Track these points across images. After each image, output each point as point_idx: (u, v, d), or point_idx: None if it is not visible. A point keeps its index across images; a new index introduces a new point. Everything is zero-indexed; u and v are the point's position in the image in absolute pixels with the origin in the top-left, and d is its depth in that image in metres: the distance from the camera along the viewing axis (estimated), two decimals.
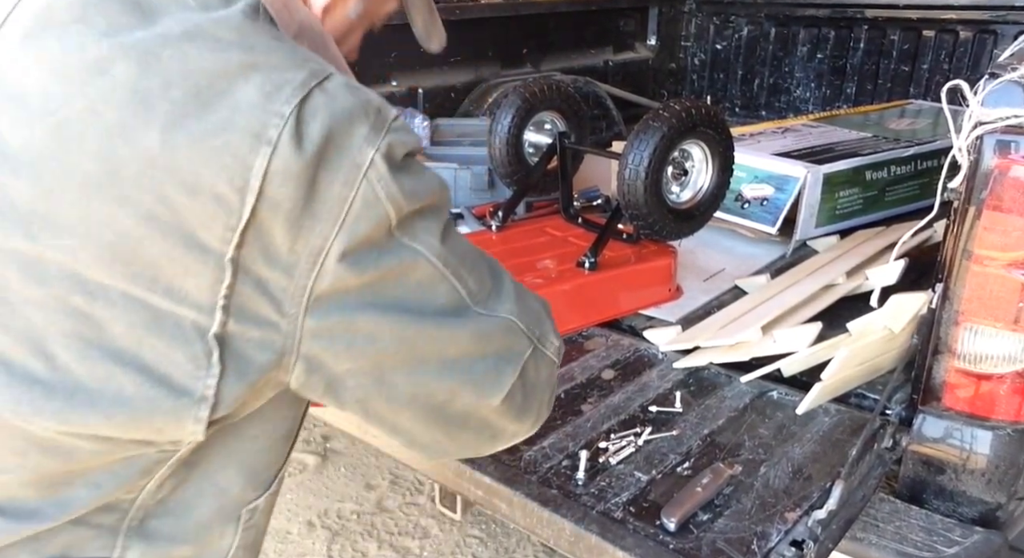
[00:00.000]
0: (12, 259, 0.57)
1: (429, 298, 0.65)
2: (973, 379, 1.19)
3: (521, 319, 0.72)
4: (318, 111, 0.56)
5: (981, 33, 2.75)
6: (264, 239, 0.56)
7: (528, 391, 0.74)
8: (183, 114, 0.55)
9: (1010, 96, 1.08)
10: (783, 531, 1.09)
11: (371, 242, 0.59)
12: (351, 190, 0.58)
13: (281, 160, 0.55)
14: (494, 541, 2.22)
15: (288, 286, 0.58)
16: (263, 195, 0.55)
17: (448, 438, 0.73)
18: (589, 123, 2.09)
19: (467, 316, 0.67)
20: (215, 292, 0.56)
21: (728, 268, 1.95)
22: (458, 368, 0.68)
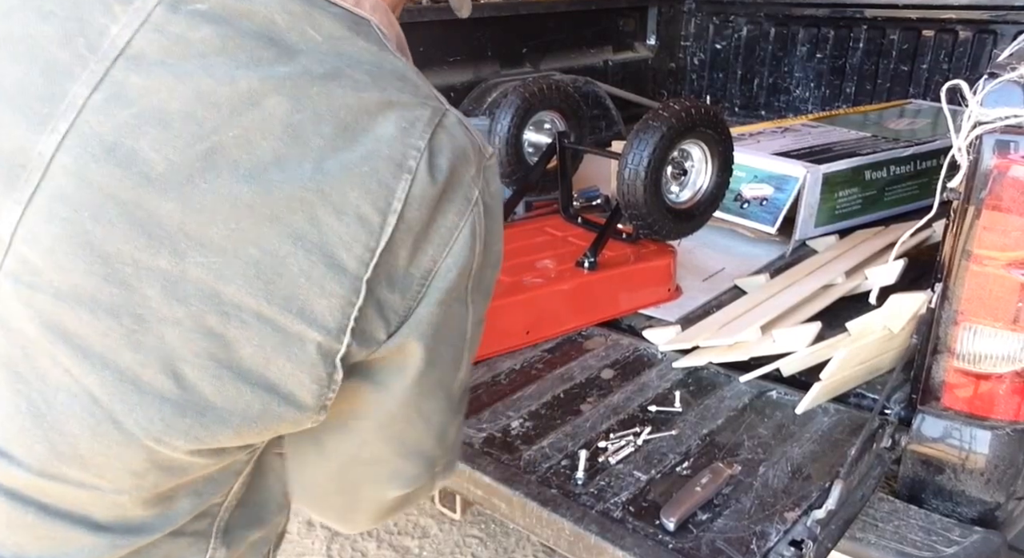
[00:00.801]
0: (156, 277, 0.58)
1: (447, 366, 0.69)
2: (972, 379, 1.19)
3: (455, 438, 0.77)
4: (444, 146, 0.62)
5: (981, 33, 2.75)
6: (391, 262, 0.60)
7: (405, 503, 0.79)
8: (334, 147, 0.59)
9: (1009, 96, 1.08)
10: (782, 531, 1.09)
11: (461, 280, 0.64)
12: (461, 219, 0.63)
13: (420, 187, 0.60)
14: (493, 541, 2.22)
15: (400, 307, 0.62)
16: (403, 217, 0.59)
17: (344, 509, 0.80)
18: (589, 123, 2.09)
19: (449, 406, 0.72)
20: (346, 315, 0.59)
21: (727, 268, 1.96)
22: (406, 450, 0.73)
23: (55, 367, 0.60)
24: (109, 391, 0.59)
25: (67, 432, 0.60)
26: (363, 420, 0.69)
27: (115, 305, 0.58)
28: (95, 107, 0.59)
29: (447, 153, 0.62)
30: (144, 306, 0.58)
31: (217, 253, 0.57)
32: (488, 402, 1.42)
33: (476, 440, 1.30)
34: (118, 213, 0.58)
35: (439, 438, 0.74)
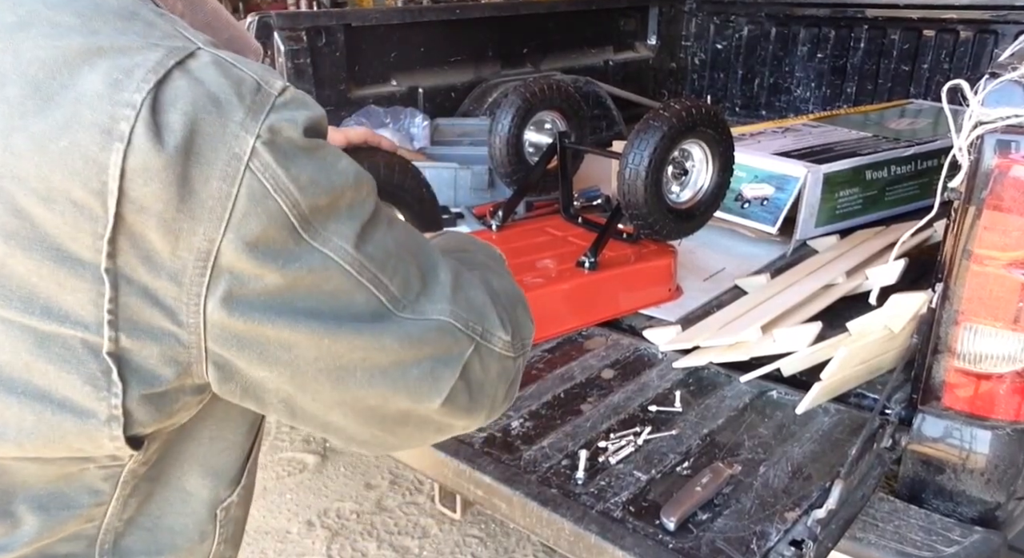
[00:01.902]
0: None
1: (345, 306, 0.59)
2: (973, 379, 1.19)
3: (458, 318, 0.66)
4: (178, 97, 0.50)
5: (981, 33, 2.74)
6: (141, 245, 0.51)
7: (475, 389, 0.69)
8: (22, 113, 0.49)
9: (1010, 96, 1.08)
10: (782, 531, 1.09)
11: (270, 243, 0.53)
12: (232, 185, 0.51)
13: (139, 157, 0.49)
14: (493, 541, 2.22)
15: (179, 294, 0.53)
16: (125, 197, 0.49)
17: (387, 433, 0.69)
18: (589, 123, 2.09)
19: (391, 321, 0.62)
20: (99, 306, 0.51)
21: (728, 268, 1.95)
22: (388, 375, 0.63)
23: None
24: None
25: None
26: (315, 388, 0.61)
27: None
28: None
29: (183, 105, 0.50)
30: None
31: None
32: None
33: (476, 440, 1.30)
34: None
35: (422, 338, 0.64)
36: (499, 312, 0.71)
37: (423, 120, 2.44)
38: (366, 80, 2.49)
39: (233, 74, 0.53)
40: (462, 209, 2.12)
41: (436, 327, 0.65)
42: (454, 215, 2.09)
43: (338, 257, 0.57)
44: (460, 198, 2.17)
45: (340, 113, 2.36)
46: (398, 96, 2.55)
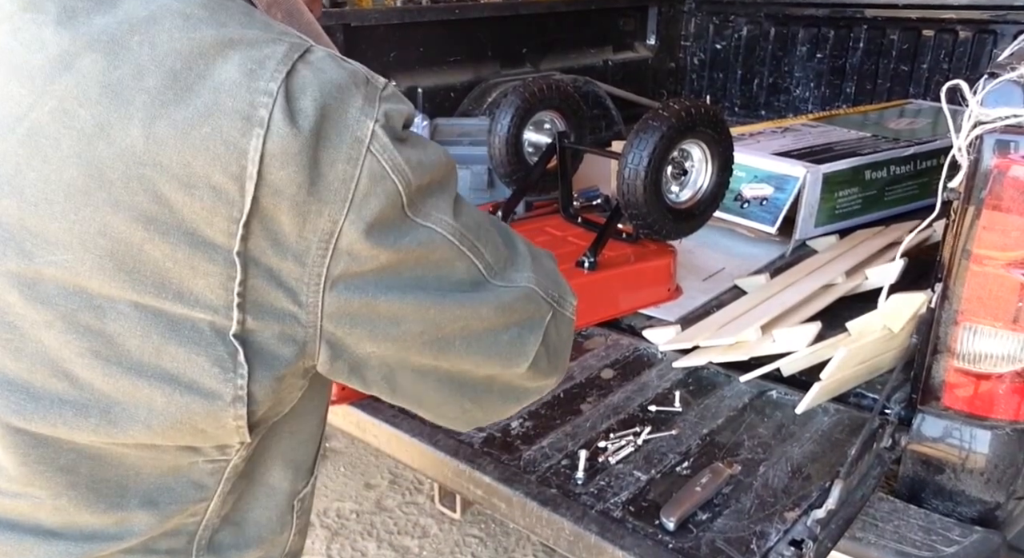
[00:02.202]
0: (11, 282, 0.53)
1: (448, 276, 0.63)
2: (972, 378, 1.19)
3: (539, 285, 0.71)
4: (307, 85, 0.53)
5: (981, 33, 2.75)
6: (271, 228, 0.53)
7: (551, 352, 0.74)
8: (163, 102, 0.51)
9: (1009, 96, 1.08)
10: (782, 530, 1.09)
11: (384, 222, 0.57)
12: (355, 167, 0.54)
13: (277, 141, 0.51)
14: (493, 540, 2.22)
15: (302, 274, 0.55)
16: (263, 181, 0.52)
17: (476, 406, 0.73)
18: (589, 123, 2.09)
19: (487, 289, 0.66)
20: (228, 290, 0.53)
21: (727, 268, 1.95)
22: (483, 342, 0.67)
23: None
24: (3, 404, 0.56)
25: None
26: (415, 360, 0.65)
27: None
28: None
29: (312, 92, 0.53)
30: (10, 313, 0.54)
31: (65, 249, 0.52)
32: None
33: (476, 440, 1.30)
34: None
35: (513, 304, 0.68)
36: (563, 279, 0.77)
37: (422, 120, 2.43)
38: None
39: (347, 66, 0.56)
40: None
41: (523, 294, 0.69)
42: None
43: (441, 229, 0.61)
44: None
45: None
46: None
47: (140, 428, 0.56)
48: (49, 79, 0.52)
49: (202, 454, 0.62)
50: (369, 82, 0.57)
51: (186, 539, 0.66)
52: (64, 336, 0.54)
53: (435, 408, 0.71)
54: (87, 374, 0.55)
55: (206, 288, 0.53)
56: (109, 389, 0.55)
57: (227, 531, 0.68)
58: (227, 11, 0.55)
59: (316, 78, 0.53)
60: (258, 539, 0.71)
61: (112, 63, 0.51)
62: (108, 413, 0.56)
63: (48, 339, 0.54)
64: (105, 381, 0.55)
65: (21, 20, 0.53)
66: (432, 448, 1.28)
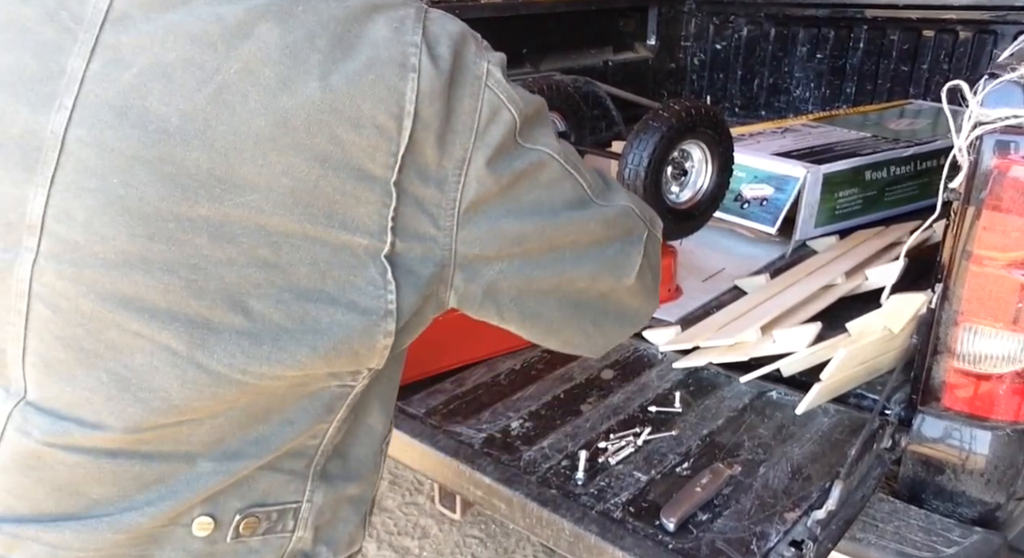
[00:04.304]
0: (201, 226, 0.59)
1: (559, 195, 0.72)
2: (972, 379, 1.19)
3: (635, 205, 0.81)
4: (440, 36, 0.63)
5: (981, 33, 2.74)
6: (419, 160, 0.62)
7: (652, 268, 0.83)
8: (333, 59, 0.59)
9: (1009, 96, 1.08)
10: (782, 531, 1.09)
11: (503, 148, 0.66)
12: (477, 100, 0.64)
13: (427, 82, 0.61)
14: (493, 541, 2.22)
15: (441, 200, 0.64)
16: (418, 116, 0.61)
17: (597, 330, 0.82)
18: (589, 123, 2.09)
19: (591, 207, 0.75)
20: (383, 216, 0.61)
21: (728, 268, 1.95)
22: (593, 254, 0.76)
23: (124, 334, 0.61)
24: (186, 341, 0.61)
25: (156, 387, 0.62)
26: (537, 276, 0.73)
27: (168, 261, 0.60)
28: (95, 76, 0.60)
29: (446, 41, 0.63)
30: (197, 255, 0.60)
31: (252, 190, 0.59)
32: (488, 402, 1.42)
33: (476, 440, 1.30)
34: (147, 173, 0.59)
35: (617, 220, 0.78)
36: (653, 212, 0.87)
37: None
38: None
39: (457, 22, 0.67)
40: None
41: (623, 212, 0.79)
42: None
43: (548, 152, 0.70)
44: None
45: None
46: None
47: (307, 352, 0.63)
48: (231, 46, 0.59)
49: (338, 379, 0.69)
50: (474, 33, 0.68)
51: (305, 462, 0.72)
52: (244, 270, 0.60)
53: (562, 332, 0.80)
54: (261, 305, 0.61)
55: (365, 215, 0.61)
56: (280, 317, 0.62)
57: (336, 462, 0.75)
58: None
59: (443, 30, 0.64)
60: (358, 474, 0.78)
61: (285, 29, 0.60)
62: (277, 341, 0.62)
63: (229, 275, 0.60)
64: (277, 310, 0.62)
65: (195, 3, 0.61)
66: (432, 448, 1.28)
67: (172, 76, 0.59)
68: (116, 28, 0.61)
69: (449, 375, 1.49)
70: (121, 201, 0.59)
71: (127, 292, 0.60)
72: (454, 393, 1.44)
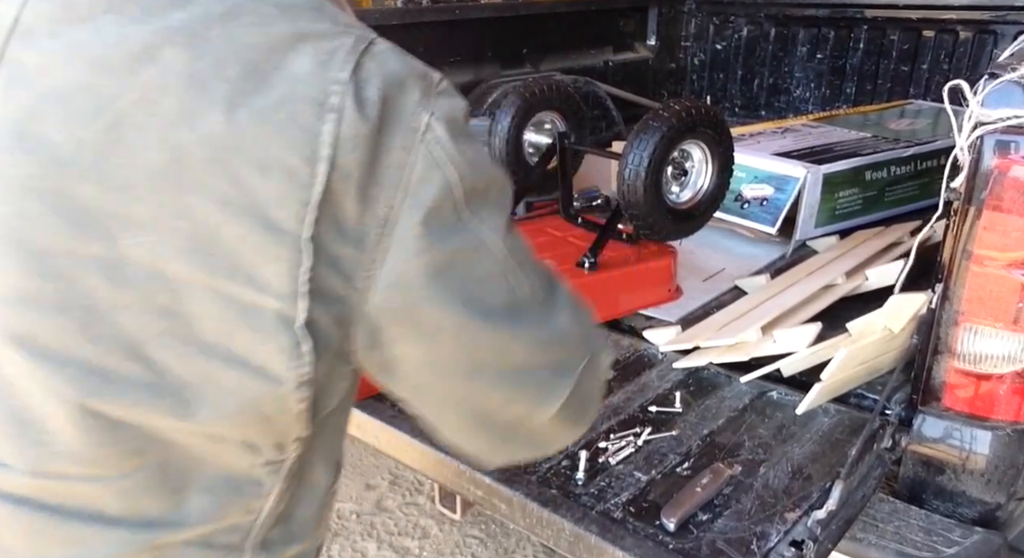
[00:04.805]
0: (94, 265, 0.54)
1: (492, 295, 0.62)
2: (973, 379, 1.19)
3: (579, 328, 0.70)
4: (372, 75, 0.55)
5: (981, 33, 2.74)
6: (337, 213, 0.55)
7: (581, 402, 0.71)
8: (242, 91, 0.53)
9: (1010, 96, 1.08)
10: (783, 531, 1.09)
11: (437, 216, 0.57)
12: (409, 154, 0.56)
13: (349, 126, 0.54)
14: (494, 541, 2.22)
15: (360, 259, 0.56)
16: (335, 164, 0.53)
17: (497, 444, 0.73)
18: (589, 123, 2.09)
19: (525, 320, 0.65)
20: (294, 278, 0.54)
21: (728, 268, 1.95)
22: (515, 376, 0.66)
23: (19, 373, 0.57)
24: (79, 387, 0.56)
25: (53, 431, 0.58)
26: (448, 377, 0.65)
27: (61, 300, 0.55)
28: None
29: (377, 82, 0.55)
30: (91, 296, 0.55)
31: (148, 231, 0.54)
32: None
33: None
34: (40, 204, 0.54)
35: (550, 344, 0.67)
36: (604, 336, 0.76)
37: None
38: None
39: (406, 60, 0.59)
40: None
41: (561, 334, 0.68)
42: None
43: (490, 241, 0.61)
44: None
45: None
46: None
47: (210, 411, 0.58)
48: (132, 71, 0.54)
49: (262, 454, 0.63)
50: (427, 76, 0.59)
51: (240, 536, 0.67)
52: (142, 317, 0.55)
53: (455, 433, 0.71)
54: (162, 355, 0.56)
55: (274, 275, 0.54)
56: (182, 371, 0.57)
57: (278, 529, 0.69)
58: (298, 8, 0.58)
59: (380, 69, 0.56)
60: (301, 535, 0.72)
61: (193, 55, 0.54)
62: (180, 395, 0.57)
63: (126, 321, 0.55)
64: (179, 363, 0.56)
65: (103, 20, 0.55)
66: (432, 449, 1.28)
67: (70, 101, 0.54)
68: (22, 43, 0.56)
69: None
70: (14, 233, 0.55)
71: (19, 330, 0.56)
72: None
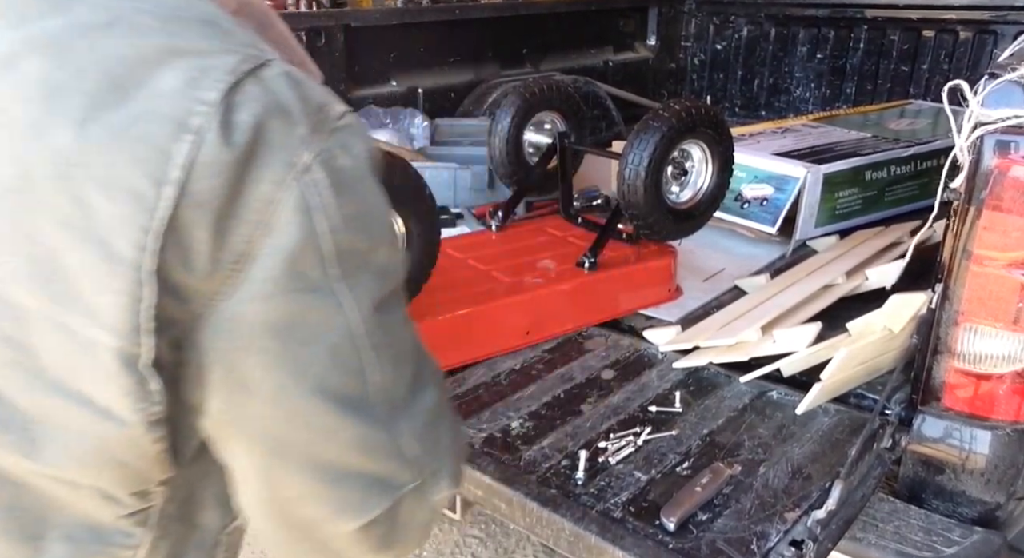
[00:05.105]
0: None
1: (330, 372, 0.55)
2: (972, 379, 1.19)
3: (419, 446, 0.61)
4: (249, 100, 0.50)
5: (981, 33, 2.75)
6: (185, 243, 0.49)
7: (394, 530, 0.62)
8: (98, 106, 0.49)
9: (1010, 96, 1.08)
10: (782, 531, 1.09)
11: (298, 264, 0.51)
12: (279, 191, 0.50)
13: (208, 151, 0.48)
14: (493, 541, 2.22)
15: (205, 290, 0.51)
16: (186, 191, 0.48)
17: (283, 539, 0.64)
18: (589, 123, 2.09)
19: (363, 416, 0.57)
20: (135, 313, 0.49)
21: (728, 268, 1.95)
22: (324, 472, 0.58)
23: None
24: None
25: None
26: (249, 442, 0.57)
27: None
28: None
29: (253, 107, 0.50)
30: None
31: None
32: (488, 402, 1.42)
33: (476, 440, 1.30)
34: None
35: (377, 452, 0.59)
36: (455, 465, 0.66)
37: (423, 120, 2.43)
38: (365, 80, 2.48)
39: (301, 89, 0.53)
40: (462, 209, 2.12)
41: (398, 445, 0.59)
42: (454, 215, 2.09)
43: (351, 313, 0.54)
44: (460, 198, 2.17)
45: None
46: (398, 96, 2.55)
47: (58, 452, 0.54)
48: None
49: (124, 506, 0.58)
50: (323, 110, 0.53)
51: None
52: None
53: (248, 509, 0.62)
54: (6, 386, 0.52)
55: (112, 307, 0.49)
56: (28, 405, 0.53)
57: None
58: (182, 21, 0.54)
59: (262, 95, 0.51)
60: None
61: (55, 64, 0.50)
62: (27, 431, 0.53)
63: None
64: (24, 396, 0.53)
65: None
66: None
67: None
68: None
69: (449, 375, 1.49)
70: None
71: None
72: (454, 393, 1.44)
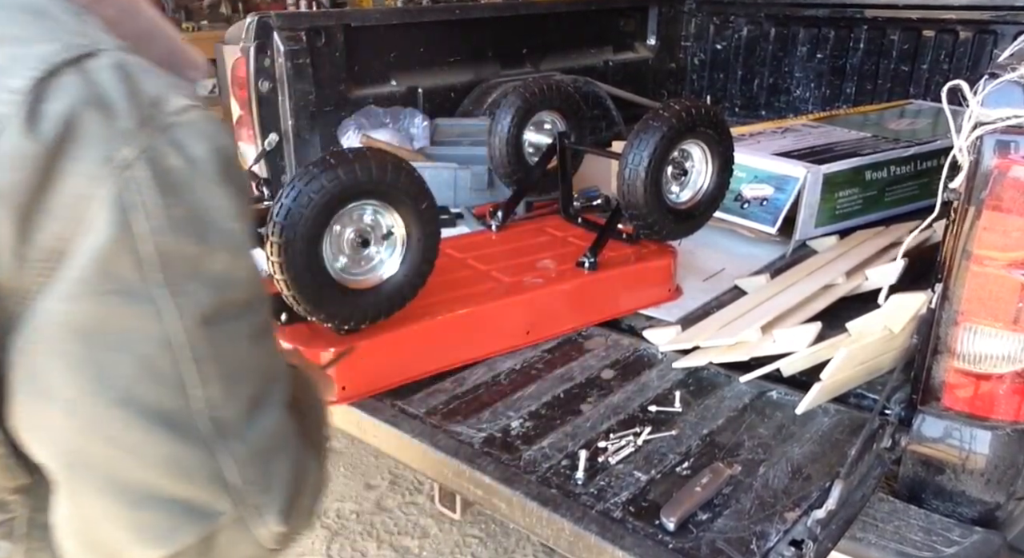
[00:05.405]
0: None
1: (141, 384, 0.51)
2: (972, 379, 1.19)
3: (254, 474, 0.56)
4: (64, 91, 0.47)
5: (981, 33, 2.75)
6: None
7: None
8: None
9: (1010, 96, 1.08)
10: (782, 531, 1.09)
11: (111, 265, 0.48)
12: (94, 186, 0.47)
13: (11, 140, 0.46)
14: (493, 541, 2.22)
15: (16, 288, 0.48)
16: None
17: None
18: (589, 123, 2.09)
19: (179, 435, 0.52)
20: None
21: (728, 268, 1.95)
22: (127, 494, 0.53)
23: None
24: None
25: None
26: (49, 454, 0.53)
27: None
28: None
29: (66, 98, 0.47)
30: None
31: None
32: (488, 402, 1.42)
33: (476, 440, 1.30)
34: None
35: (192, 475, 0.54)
36: (288, 501, 0.60)
37: (423, 120, 2.43)
38: (366, 80, 2.48)
39: (133, 82, 0.50)
40: (462, 209, 2.12)
41: (212, 470, 0.54)
42: (454, 215, 2.09)
43: (172, 323, 0.50)
44: (460, 198, 2.17)
45: (339, 113, 2.35)
46: (398, 96, 2.55)
47: None
48: None
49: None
50: (157, 105, 0.50)
51: None
52: None
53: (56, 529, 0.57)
54: None
55: None
56: None
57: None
58: (6, 11, 0.52)
59: (80, 86, 0.48)
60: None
61: None
62: None
63: None
64: None
65: None
66: (432, 448, 1.28)
67: None
68: None
69: (449, 375, 1.49)
70: None
71: None
72: (454, 393, 1.44)
